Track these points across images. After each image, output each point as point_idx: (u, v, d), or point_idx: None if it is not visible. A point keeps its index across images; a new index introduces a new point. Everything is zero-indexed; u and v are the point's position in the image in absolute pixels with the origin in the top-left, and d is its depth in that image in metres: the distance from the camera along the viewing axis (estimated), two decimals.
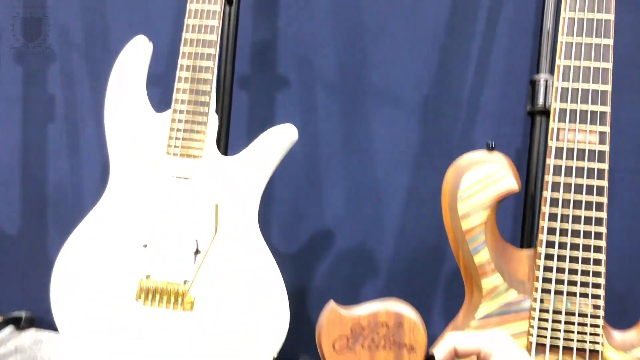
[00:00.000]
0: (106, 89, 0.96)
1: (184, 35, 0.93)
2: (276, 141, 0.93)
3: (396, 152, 1.16)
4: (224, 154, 0.98)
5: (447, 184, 0.78)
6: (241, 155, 0.93)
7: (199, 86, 0.92)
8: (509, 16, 1.10)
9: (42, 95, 1.30)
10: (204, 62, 0.92)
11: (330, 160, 1.19)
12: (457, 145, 1.13)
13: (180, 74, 0.93)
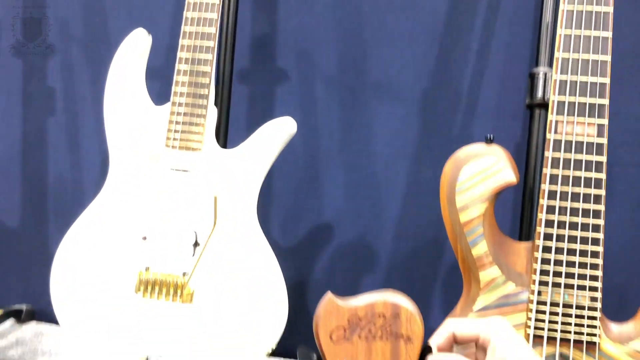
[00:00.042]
0: (105, 82, 0.96)
1: (183, 28, 0.93)
2: (275, 134, 0.93)
3: (395, 145, 1.16)
4: (223, 146, 0.98)
5: (446, 177, 0.78)
6: (240, 148, 0.93)
7: (198, 79, 0.92)
8: (508, 9, 1.10)
9: (42, 88, 1.30)
10: (203, 55, 0.92)
11: (329, 154, 1.19)
12: (456, 138, 1.13)
13: (179, 66, 0.93)
